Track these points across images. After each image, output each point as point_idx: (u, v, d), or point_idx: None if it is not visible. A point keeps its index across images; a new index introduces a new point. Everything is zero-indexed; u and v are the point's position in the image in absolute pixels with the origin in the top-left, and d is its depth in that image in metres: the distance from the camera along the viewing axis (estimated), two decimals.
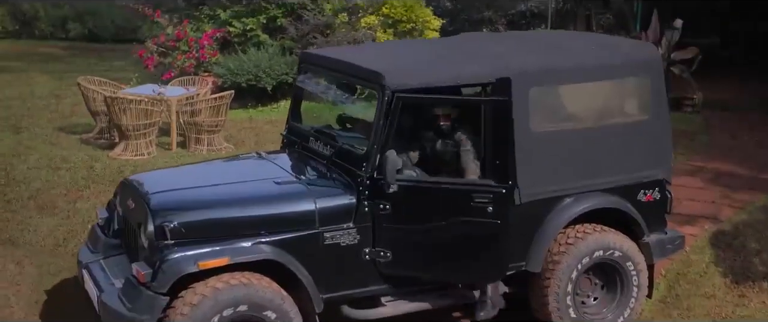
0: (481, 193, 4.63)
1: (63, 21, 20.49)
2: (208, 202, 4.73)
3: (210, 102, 9.76)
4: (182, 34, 12.36)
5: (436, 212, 4.75)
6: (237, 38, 12.32)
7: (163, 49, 12.42)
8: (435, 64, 5.03)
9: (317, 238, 4.69)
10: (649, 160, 5.34)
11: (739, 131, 10.95)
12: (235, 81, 11.49)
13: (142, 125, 9.33)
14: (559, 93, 5.04)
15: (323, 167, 5.10)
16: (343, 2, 12.26)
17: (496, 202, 4.61)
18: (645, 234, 5.36)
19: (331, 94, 5.44)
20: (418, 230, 4.78)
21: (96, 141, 9.97)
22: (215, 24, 12.57)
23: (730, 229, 7.31)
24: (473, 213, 4.63)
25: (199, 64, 12.14)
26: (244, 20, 12.24)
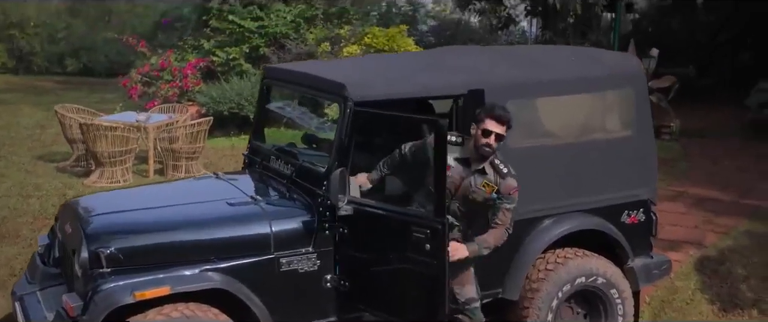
0: (418, 226, 3.82)
1: (59, 57, 20.00)
2: (150, 225, 4.04)
3: (188, 129, 9.13)
4: (166, 64, 11.78)
5: (382, 241, 4.03)
6: (220, 67, 11.75)
7: (147, 79, 11.82)
8: (403, 76, 4.40)
9: (273, 264, 4.01)
10: (633, 179, 4.70)
11: (718, 157, 10.43)
12: (218, 109, 10.96)
13: (119, 152, 8.70)
14: (537, 106, 4.40)
15: (283, 187, 4.44)
16: (325, 32, 11.70)
17: (433, 239, 3.77)
18: (630, 258, 4.70)
19: (294, 112, 4.78)
20: (366, 260, 4.07)
21: (72, 169, 9.33)
22: (199, 54, 12.01)
23: (715, 254, 6.70)
24: (412, 247, 3.84)
25: (182, 93, 11.58)
26: (227, 50, 11.68)
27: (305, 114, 7.27)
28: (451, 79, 4.30)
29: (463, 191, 3.99)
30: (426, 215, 3.84)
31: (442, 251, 3.71)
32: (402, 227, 3.85)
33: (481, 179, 3.99)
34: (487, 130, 3.89)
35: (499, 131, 3.89)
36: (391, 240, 3.94)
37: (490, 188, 3.98)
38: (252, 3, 11.56)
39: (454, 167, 3.97)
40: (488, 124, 3.89)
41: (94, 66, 19.53)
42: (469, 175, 3.99)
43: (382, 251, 4.00)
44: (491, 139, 3.89)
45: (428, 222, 3.76)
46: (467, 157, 3.99)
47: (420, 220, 3.82)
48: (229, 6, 11.60)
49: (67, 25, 20.41)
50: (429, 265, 3.75)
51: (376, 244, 4.02)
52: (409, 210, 4.00)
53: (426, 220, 3.78)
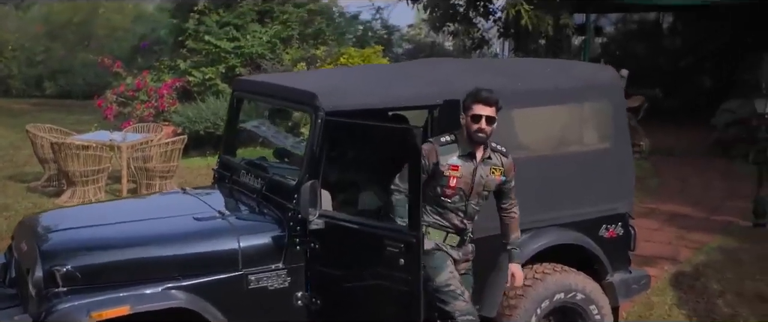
0: (392, 240, 3.53)
1: (37, 79, 19.52)
2: (110, 242, 3.71)
3: (162, 147, 8.79)
4: (142, 84, 11.44)
5: (355, 256, 3.74)
6: (196, 87, 11.44)
7: (122, 99, 11.47)
8: (376, 86, 4.14)
9: (241, 281, 3.70)
10: (610, 192, 4.47)
11: (687, 175, 10.32)
12: (194, 129, 10.66)
13: (91, 171, 8.33)
14: (513, 118, 4.15)
15: (253, 201, 4.14)
16: (301, 52, 11.46)
17: (408, 253, 3.49)
18: (609, 273, 4.45)
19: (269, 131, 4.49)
20: (339, 276, 3.77)
21: (44, 189, 8.93)
22: (175, 74, 11.69)
23: (689, 270, 6.52)
24: (386, 263, 3.55)
25: (158, 113, 11.24)
26: (203, 70, 11.39)
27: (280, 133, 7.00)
28: (426, 90, 4.05)
29: (477, 187, 3.77)
30: (400, 228, 3.56)
31: (417, 265, 3.42)
32: (376, 242, 3.56)
33: (488, 166, 3.78)
34: (476, 116, 3.64)
35: (489, 114, 3.65)
36: (365, 255, 3.66)
37: (499, 172, 3.80)
38: (228, 24, 11.29)
39: (462, 166, 3.72)
40: (476, 109, 3.65)
41: (72, 89, 19.09)
42: (475, 167, 3.75)
43: (356, 266, 3.71)
44: (482, 124, 3.65)
45: (402, 236, 3.48)
46: (469, 151, 3.74)
47: (394, 234, 3.54)
48: (205, 27, 11.31)
49: (46, 49, 19.97)
50: (404, 281, 3.47)
51: (349, 259, 3.73)
52: (383, 224, 3.72)
53: (400, 233, 3.51)
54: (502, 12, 11.52)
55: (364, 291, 3.70)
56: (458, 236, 3.82)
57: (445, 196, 3.73)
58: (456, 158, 3.71)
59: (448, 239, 3.80)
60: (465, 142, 3.73)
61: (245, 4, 11.35)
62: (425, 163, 3.63)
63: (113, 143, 8.81)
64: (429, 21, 12.32)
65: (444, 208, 3.77)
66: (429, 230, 3.74)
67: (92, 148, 8.35)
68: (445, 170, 3.69)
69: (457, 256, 3.82)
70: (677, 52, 16.32)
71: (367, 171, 4.24)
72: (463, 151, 3.73)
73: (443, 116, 3.96)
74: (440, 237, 3.78)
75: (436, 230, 3.78)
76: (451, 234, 3.80)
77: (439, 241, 3.77)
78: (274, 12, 11.46)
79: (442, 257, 3.77)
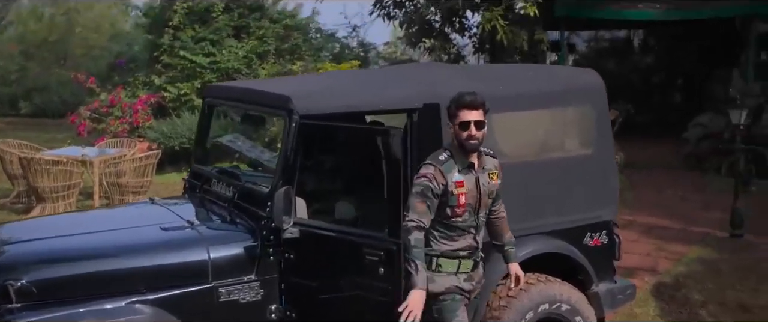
0: (371, 248, 3.31)
1: (12, 98, 19.03)
2: (70, 254, 3.44)
3: (135, 162, 8.47)
4: (116, 100, 11.11)
5: (332, 266, 3.50)
6: (171, 103, 11.12)
7: (96, 116, 11.12)
8: (353, 89, 3.91)
9: (210, 294, 3.44)
10: (594, 199, 4.25)
11: (662, 188, 10.20)
12: (169, 145, 10.34)
13: (62, 187, 7.99)
14: (493, 122, 3.92)
15: (225, 211, 3.88)
16: (277, 67, 11.21)
17: (387, 261, 3.27)
18: (594, 283, 4.23)
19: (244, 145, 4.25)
20: (315, 287, 3.52)
21: (12, 205, 8.56)
22: (150, 90, 11.37)
23: (670, 281, 6.34)
24: (365, 272, 3.33)
25: (132, 129, 10.90)
26: (178, 85, 11.08)
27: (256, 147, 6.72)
28: (405, 93, 3.82)
29: (484, 198, 3.43)
30: (379, 235, 3.31)
31: (397, 274, 3.17)
32: (353, 250, 3.31)
33: (486, 173, 3.46)
34: (464, 123, 3.30)
35: (477, 118, 3.30)
36: (342, 265, 3.41)
37: (496, 176, 3.50)
38: (204, 39, 11.02)
39: (466, 180, 3.35)
40: (462, 116, 3.30)
41: (48, 107, 18.63)
42: (477, 178, 3.40)
43: (333, 277, 3.46)
44: (472, 130, 3.29)
45: (382, 243, 3.23)
46: (469, 163, 3.38)
47: (373, 241, 3.29)
48: (180, 42, 11.03)
49: (21, 68, 19.52)
50: (384, 291, 3.22)
51: (326, 269, 3.48)
52: (361, 231, 3.47)
53: (379, 241, 3.26)
54: (477, 28, 11.40)
55: (342, 303, 3.45)
56: (471, 259, 3.44)
57: (455, 216, 3.35)
58: (458, 174, 3.34)
59: (461, 266, 3.40)
60: (459, 153, 3.36)
61: (221, 19, 11.11)
62: (434, 186, 3.26)
63: (85, 158, 8.47)
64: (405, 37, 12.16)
65: (454, 229, 3.38)
66: (441, 262, 3.36)
67: (63, 163, 8.01)
68: (453, 190, 3.30)
69: (470, 287, 3.44)
70: (648, 68, 16.34)
71: (345, 177, 3.99)
72: (461, 165, 3.36)
73: (423, 121, 3.73)
74: (453, 267, 3.38)
75: (448, 260, 3.37)
76: (464, 260, 3.41)
77: (450, 272, 3.37)
78: (251, 27, 11.22)
79: (453, 304, 3.37)
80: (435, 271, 3.33)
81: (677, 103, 15.56)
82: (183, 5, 11.00)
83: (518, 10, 11.03)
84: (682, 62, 15.10)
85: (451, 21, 11.53)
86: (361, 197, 3.79)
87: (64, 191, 8.03)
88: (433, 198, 3.26)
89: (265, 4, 11.99)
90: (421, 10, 11.58)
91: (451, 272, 3.38)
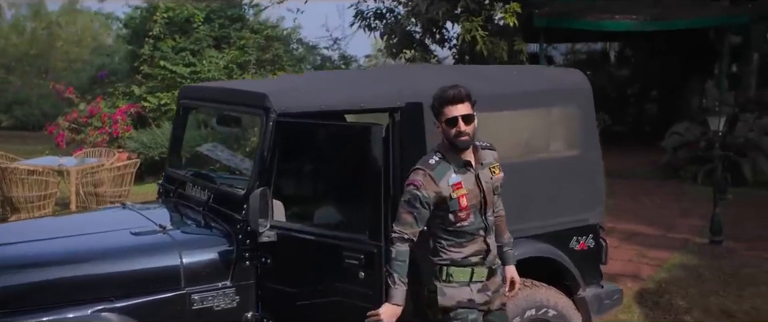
0: (351, 251, 3.08)
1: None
2: (33, 260, 3.18)
3: (113, 172, 8.19)
4: (95, 111, 10.80)
5: (311, 270, 3.27)
6: (152, 113, 10.82)
7: (75, 126, 10.80)
8: (332, 87, 3.70)
9: (183, 301, 3.20)
10: (581, 202, 4.08)
11: (639, 196, 10.07)
12: (149, 155, 10.05)
13: (37, 197, 7.69)
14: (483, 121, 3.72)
15: (199, 215, 3.64)
16: (258, 77, 10.97)
17: (368, 266, 3.04)
18: (581, 288, 4.04)
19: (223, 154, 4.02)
20: (293, 293, 3.29)
21: None
22: (130, 100, 11.08)
23: (653, 287, 6.17)
24: (345, 277, 3.11)
25: (112, 139, 10.59)
26: (158, 95, 10.79)
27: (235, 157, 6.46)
28: (386, 92, 3.61)
29: (488, 196, 3.13)
30: (359, 238, 3.09)
31: (378, 278, 2.95)
32: (333, 253, 3.09)
33: (486, 168, 3.15)
34: (451, 119, 3.00)
35: (464, 112, 3.00)
36: (322, 269, 3.18)
37: (498, 169, 3.21)
38: (184, 49, 10.77)
39: (464, 180, 3.05)
40: (448, 112, 3.00)
41: (29, 120, 18.20)
42: (476, 175, 3.10)
43: (312, 282, 3.23)
44: (461, 126, 2.99)
45: (362, 246, 3.01)
46: (465, 161, 3.08)
47: (353, 244, 3.07)
48: (160, 52, 10.76)
49: (2, 81, 19.09)
50: (363, 296, 2.99)
51: (305, 274, 3.25)
52: (340, 234, 3.24)
53: (359, 244, 3.04)
54: (457, 39, 11.26)
55: (321, 309, 3.22)
56: (485, 266, 3.14)
57: (460, 221, 3.06)
58: (454, 175, 3.05)
59: (475, 275, 3.11)
60: (452, 153, 3.07)
61: (202, 29, 10.86)
62: (423, 195, 2.97)
63: (62, 168, 8.18)
64: (386, 48, 12.00)
65: (462, 235, 3.09)
66: (452, 271, 3.08)
67: (38, 172, 7.72)
68: (451, 194, 3.02)
69: (484, 298, 3.14)
70: (624, 80, 16.34)
71: (325, 178, 3.77)
72: (457, 165, 3.06)
73: (405, 121, 3.52)
74: (465, 276, 3.09)
75: (459, 269, 3.09)
76: (477, 268, 3.12)
77: (463, 282, 3.09)
78: (231, 38, 10.98)
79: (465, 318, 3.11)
80: (446, 281, 3.06)
81: (652, 114, 15.56)
82: (163, 15, 10.75)
83: (498, 21, 10.94)
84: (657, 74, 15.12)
85: (432, 32, 11.38)
86: (341, 198, 3.57)
87: (40, 201, 7.73)
88: (423, 208, 2.98)
89: (245, 15, 11.77)
90: (401, 21, 11.43)
91: (463, 282, 3.09)
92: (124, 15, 11.82)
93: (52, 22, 21.27)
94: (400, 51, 11.92)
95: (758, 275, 6.42)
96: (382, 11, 12.01)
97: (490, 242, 3.16)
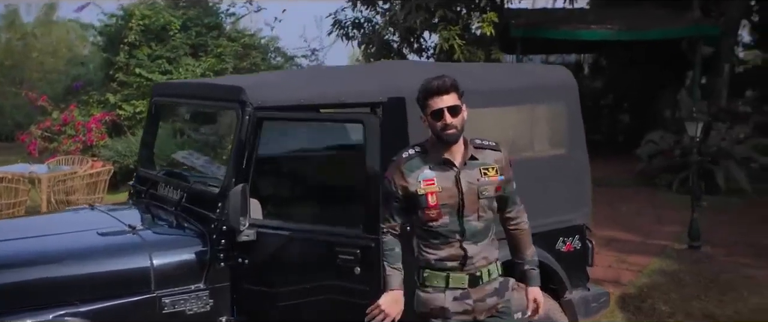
0: (346, 247, 2.91)
1: None
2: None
3: (86, 179, 7.90)
4: (69, 119, 10.46)
5: (294, 270, 3.08)
6: (127, 121, 10.51)
7: (48, 135, 10.45)
8: (311, 82, 3.51)
9: (153, 305, 2.98)
10: (567, 202, 3.92)
11: (616, 203, 9.98)
12: (124, 163, 9.73)
13: (5, 205, 7.36)
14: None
15: (172, 215, 3.41)
16: None
17: (364, 260, 2.88)
18: (567, 290, 3.87)
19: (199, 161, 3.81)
20: (273, 295, 3.09)
21: None
22: (105, 108, 10.76)
23: (635, 292, 6.04)
24: (339, 274, 2.94)
25: (86, 147, 10.25)
26: (134, 103, 10.49)
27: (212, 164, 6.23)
28: (368, 86, 3.43)
29: (469, 198, 2.83)
30: (354, 233, 2.88)
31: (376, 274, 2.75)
32: (323, 250, 2.88)
33: (475, 168, 2.86)
34: (436, 112, 2.77)
35: (450, 103, 2.77)
36: (310, 267, 2.97)
37: (494, 171, 2.88)
38: (160, 57, 10.48)
39: (438, 177, 2.81)
40: (433, 104, 2.77)
41: (2, 130, 17.73)
42: (457, 174, 2.83)
43: (296, 282, 3.02)
44: (447, 118, 2.75)
45: (357, 241, 2.81)
46: (444, 159, 2.84)
47: (347, 239, 2.86)
48: (136, 60, 10.47)
49: None
50: (361, 293, 2.79)
51: (289, 274, 3.03)
52: (332, 229, 3.04)
53: (355, 238, 2.84)
54: (435, 48, 11.16)
55: (309, 310, 3.00)
56: (465, 272, 2.84)
57: (431, 220, 2.82)
58: (428, 171, 2.82)
59: (451, 281, 2.83)
60: (436, 148, 2.85)
61: (178, 37, 10.60)
62: (393, 189, 2.81)
63: (33, 175, 7.86)
64: (364, 57, 11.85)
65: (436, 236, 2.84)
66: (426, 275, 2.85)
67: (8, 179, 7.40)
68: (418, 189, 2.79)
69: (463, 307, 2.85)
70: (598, 91, 16.37)
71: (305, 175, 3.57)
72: (435, 161, 2.84)
73: (387, 116, 3.34)
74: (440, 281, 2.83)
75: (434, 273, 2.84)
76: (453, 273, 2.83)
77: (437, 288, 2.83)
78: (208, 45, 10.72)
79: None
80: (422, 285, 2.84)
81: (626, 124, 15.59)
82: (139, 23, 10.47)
83: (475, 30, 10.84)
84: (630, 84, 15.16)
85: (410, 41, 11.26)
86: (330, 193, 3.37)
87: (9, 210, 7.40)
88: (394, 201, 2.81)
89: (223, 23, 11.53)
90: (379, 31, 11.29)
91: (438, 287, 2.84)
92: (99, 22, 11.51)
93: (27, 33, 20.80)
94: (378, 60, 11.79)
95: (738, 280, 6.33)
96: (360, 21, 11.89)
97: (470, 248, 2.84)
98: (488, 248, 2.90)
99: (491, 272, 2.91)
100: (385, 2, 11.68)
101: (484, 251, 2.88)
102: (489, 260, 2.90)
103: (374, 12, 11.85)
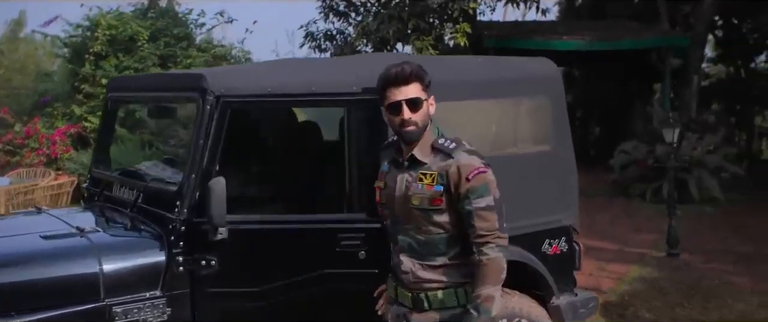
0: (348, 232, 2.65)
1: None
2: None
3: (48, 191, 7.48)
4: (32, 132, 9.99)
5: (287, 265, 2.78)
6: (92, 133, 10.04)
7: (10, 148, 9.96)
8: (281, 72, 3.21)
9: (103, 314, 2.65)
10: (552, 202, 3.65)
11: (591, 212, 9.74)
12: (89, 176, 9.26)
13: None
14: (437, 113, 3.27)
15: (127, 217, 3.07)
16: None
17: (370, 243, 2.64)
18: (554, 295, 3.59)
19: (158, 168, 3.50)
20: (250, 295, 2.77)
21: None
22: (70, 120, 10.29)
23: (616, 300, 5.82)
24: (340, 262, 2.68)
25: (50, 160, 9.77)
26: (100, 114, 10.02)
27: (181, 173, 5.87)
28: (341, 77, 3.14)
29: (404, 204, 2.44)
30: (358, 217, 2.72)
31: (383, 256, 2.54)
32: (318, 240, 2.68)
33: (415, 172, 2.44)
34: (393, 105, 2.40)
35: (410, 95, 2.40)
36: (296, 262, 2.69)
37: (430, 179, 2.38)
38: (128, 68, 10.07)
39: (389, 174, 2.52)
40: (391, 95, 2.41)
41: None
42: (401, 175, 2.48)
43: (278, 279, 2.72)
44: (405, 113, 2.38)
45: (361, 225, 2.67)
46: (393, 158, 2.54)
47: (350, 225, 2.68)
48: (103, 71, 10.05)
49: None
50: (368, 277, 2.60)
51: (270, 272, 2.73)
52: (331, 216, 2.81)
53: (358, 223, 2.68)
54: None
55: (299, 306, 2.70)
56: (408, 291, 2.45)
57: (384, 218, 2.56)
58: (386, 164, 2.56)
59: (398, 295, 2.51)
60: (399, 143, 2.53)
61: (146, 48, 10.20)
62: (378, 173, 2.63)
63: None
64: None
65: (389, 235, 2.55)
66: (388, 279, 2.58)
67: None
68: (376, 181, 2.58)
69: None
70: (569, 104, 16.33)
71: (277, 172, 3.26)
72: (389, 157, 2.56)
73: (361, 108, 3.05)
74: (392, 291, 2.54)
75: (390, 279, 2.56)
76: (400, 288, 2.49)
77: (392, 297, 2.55)
78: (178, 56, 10.35)
79: None
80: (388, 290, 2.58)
81: (598, 135, 15.54)
82: (105, 33, 10.07)
83: (448, 40, 10.65)
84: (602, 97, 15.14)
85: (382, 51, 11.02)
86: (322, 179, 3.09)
87: None
88: None
89: (193, 34, 11.17)
90: (351, 42, 11.04)
91: (392, 297, 2.55)
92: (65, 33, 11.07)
93: None
94: None
95: (719, 286, 6.16)
96: (332, 32, 11.65)
97: (405, 261, 2.45)
98: (441, 270, 2.41)
99: (443, 299, 2.41)
100: (357, 14, 11.46)
101: (431, 273, 2.42)
102: (442, 284, 2.42)
103: (346, 24, 11.62)
